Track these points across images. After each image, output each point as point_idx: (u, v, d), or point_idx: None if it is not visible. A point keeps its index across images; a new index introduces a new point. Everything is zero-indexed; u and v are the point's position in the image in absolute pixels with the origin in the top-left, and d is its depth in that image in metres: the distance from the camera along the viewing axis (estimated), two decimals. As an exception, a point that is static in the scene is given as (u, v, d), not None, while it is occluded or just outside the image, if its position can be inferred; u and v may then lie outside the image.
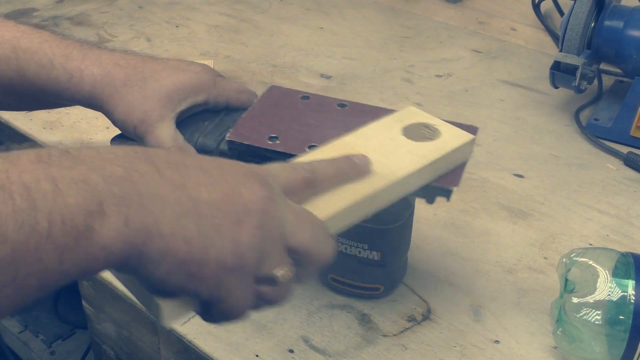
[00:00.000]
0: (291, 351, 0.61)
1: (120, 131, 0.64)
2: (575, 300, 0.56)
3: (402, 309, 0.65)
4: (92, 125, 0.91)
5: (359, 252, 0.63)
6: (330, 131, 0.58)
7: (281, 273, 0.42)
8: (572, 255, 0.59)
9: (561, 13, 1.14)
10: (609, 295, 0.55)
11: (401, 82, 1.05)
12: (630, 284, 0.55)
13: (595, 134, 0.92)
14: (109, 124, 0.63)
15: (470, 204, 0.79)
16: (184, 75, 0.63)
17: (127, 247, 0.35)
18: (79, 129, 0.90)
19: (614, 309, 0.55)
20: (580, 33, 0.89)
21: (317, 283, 0.67)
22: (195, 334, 0.62)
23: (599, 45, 0.91)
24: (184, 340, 0.62)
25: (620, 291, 0.55)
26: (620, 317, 0.55)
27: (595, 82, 1.01)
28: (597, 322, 0.55)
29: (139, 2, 1.29)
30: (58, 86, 0.62)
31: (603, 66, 0.99)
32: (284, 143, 0.58)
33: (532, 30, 1.19)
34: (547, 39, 1.17)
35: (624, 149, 0.89)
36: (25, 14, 1.23)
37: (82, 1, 1.29)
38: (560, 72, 0.91)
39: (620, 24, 0.90)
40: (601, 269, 0.57)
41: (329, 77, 1.05)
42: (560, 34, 0.92)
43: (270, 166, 0.46)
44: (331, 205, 0.47)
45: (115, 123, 0.63)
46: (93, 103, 0.62)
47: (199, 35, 1.18)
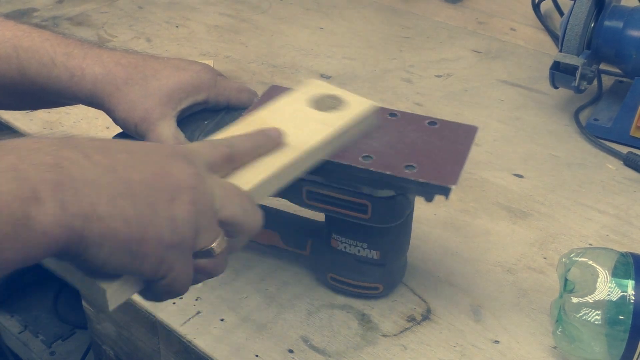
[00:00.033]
0: (291, 351, 0.61)
1: (122, 130, 0.64)
2: (575, 300, 0.56)
3: (402, 308, 0.65)
4: (92, 125, 0.91)
5: (359, 251, 0.63)
6: None
7: (216, 245, 0.44)
8: (571, 255, 0.59)
9: (561, 13, 1.14)
10: (609, 295, 0.55)
11: (401, 82, 1.05)
12: (630, 284, 0.55)
13: (595, 134, 0.92)
14: (109, 123, 0.63)
15: (470, 204, 0.79)
16: (184, 74, 0.63)
17: (66, 232, 0.36)
18: (79, 129, 0.90)
19: (613, 309, 0.55)
20: (580, 33, 0.89)
21: (317, 283, 0.67)
22: (195, 334, 0.62)
23: (599, 45, 0.91)
24: (184, 340, 0.62)
25: (619, 291, 0.55)
26: (620, 317, 0.55)
27: (595, 82, 1.01)
28: (596, 322, 0.55)
29: (139, 2, 1.29)
30: (59, 85, 0.62)
31: (603, 66, 0.99)
32: None
33: (532, 30, 1.19)
34: (547, 39, 1.17)
35: (624, 149, 0.89)
36: (25, 14, 1.23)
37: (82, 1, 1.29)
38: (560, 72, 0.91)
39: (620, 24, 0.90)
40: (601, 269, 0.57)
41: (328, 77, 1.05)
42: (560, 34, 0.92)
43: (191, 145, 0.48)
44: (252, 177, 0.49)
45: (116, 121, 0.63)
46: (94, 102, 0.62)
47: (199, 35, 1.18)
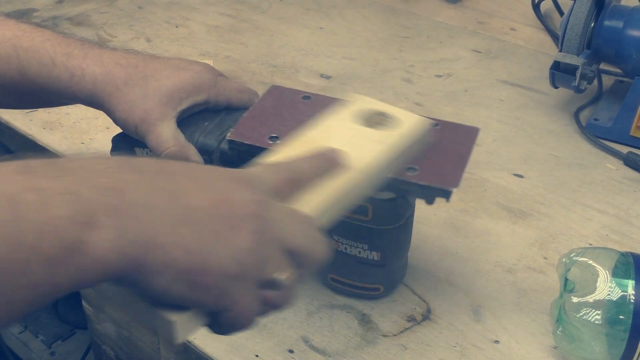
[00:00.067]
0: (291, 351, 0.61)
1: (121, 130, 0.64)
2: (575, 300, 0.56)
3: (402, 309, 0.65)
4: (92, 125, 0.91)
5: (359, 252, 0.63)
6: None
7: (285, 276, 0.41)
8: (571, 255, 0.59)
9: (561, 13, 1.14)
10: (609, 295, 0.55)
11: (401, 82, 1.05)
12: (630, 283, 0.55)
13: (595, 133, 0.92)
14: (109, 124, 0.63)
15: (470, 204, 0.79)
16: (185, 75, 0.63)
17: (123, 259, 0.34)
18: (79, 129, 0.90)
19: (613, 308, 0.55)
20: (580, 33, 0.89)
21: (317, 283, 0.67)
22: (195, 334, 0.62)
23: (599, 45, 0.91)
24: (184, 340, 0.62)
25: (620, 291, 0.55)
26: (620, 316, 0.55)
27: (595, 82, 1.01)
28: (597, 322, 0.55)
29: (139, 2, 1.29)
30: (59, 85, 0.62)
31: (603, 66, 0.99)
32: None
33: (532, 30, 1.19)
34: (547, 39, 1.17)
35: (624, 149, 0.89)
36: (25, 14, 1.23)
37: (82, 1, 1.29)
38: (560, 72, 0.91)
39: (620, 24, 0.90)
40: (601, 268, 0.57)
41: (328, 77, 1.05)
42: (560, 34, 0.92)
43: (253, 169, 0.45)
44: (316, 201, 0.47)
45: (116, 122, 0.63)
46: (94, 102, 0.62)
47: (199, 36, 1.18)
